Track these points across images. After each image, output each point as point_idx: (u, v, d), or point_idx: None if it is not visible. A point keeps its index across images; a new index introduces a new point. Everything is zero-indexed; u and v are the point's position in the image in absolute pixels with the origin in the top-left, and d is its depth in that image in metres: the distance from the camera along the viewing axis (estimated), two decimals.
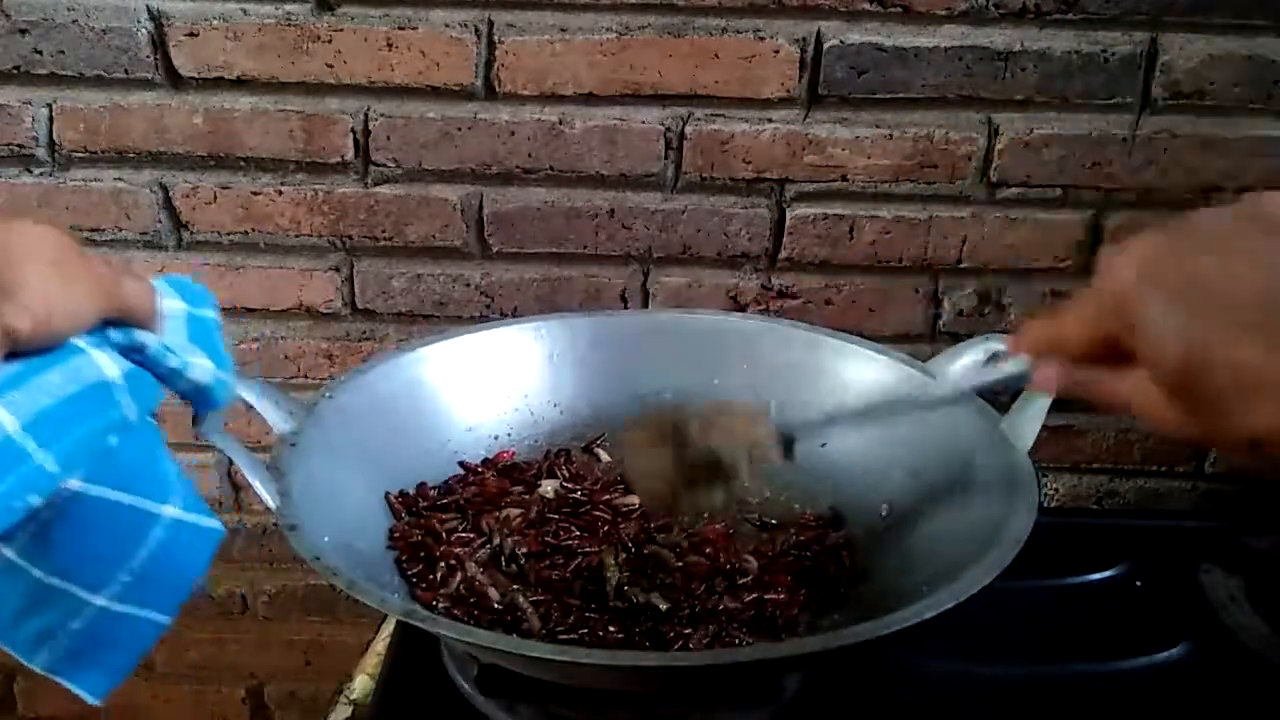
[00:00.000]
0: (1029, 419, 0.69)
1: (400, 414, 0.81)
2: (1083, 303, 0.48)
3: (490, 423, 0.86)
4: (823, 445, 0.80)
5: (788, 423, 0.67)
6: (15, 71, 0.95)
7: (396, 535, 0.75)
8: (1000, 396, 0.78)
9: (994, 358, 0.76)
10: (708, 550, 0.77)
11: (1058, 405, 0.73)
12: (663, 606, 0.71)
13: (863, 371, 0.83)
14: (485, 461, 0.84)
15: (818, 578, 0.75)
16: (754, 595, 0.72)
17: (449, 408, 0.84)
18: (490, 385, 0.86)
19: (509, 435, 0.86)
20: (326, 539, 0.65)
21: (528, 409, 0.87)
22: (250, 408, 0.73)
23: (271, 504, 0.66)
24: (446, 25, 0.93)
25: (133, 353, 0.53)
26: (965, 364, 0.76)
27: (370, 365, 0.82)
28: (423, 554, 0.74)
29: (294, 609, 1.20)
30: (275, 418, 0.73)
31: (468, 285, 1.03)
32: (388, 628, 0.84)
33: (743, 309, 1.03)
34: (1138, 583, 0.89)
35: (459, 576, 0.73)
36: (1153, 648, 0.83)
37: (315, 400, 0.77)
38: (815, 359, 0.84)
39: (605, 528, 0.79)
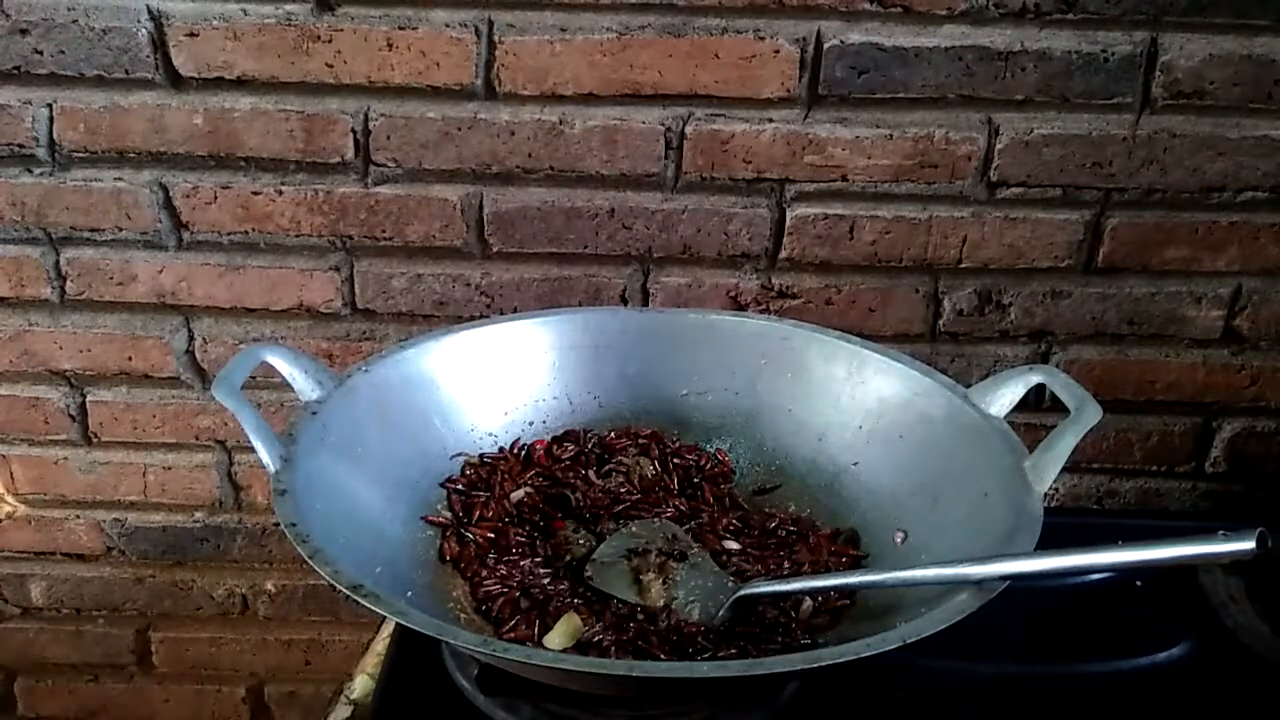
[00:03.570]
0: (1054, 458, 0.68)
1: (437, 394, 0.81)
2: None
3: (525, 408, 0.85)
4: (855, 464, 0.80)
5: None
6: (15, 71, 0.95)
7: (449, 533, 0.76)
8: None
9: (1037, 389, 0.76)
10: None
11: (1056, 408, 0.73)
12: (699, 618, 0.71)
13: (905, 389, 0.81)
14: (519, 447, 0.85)
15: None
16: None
17: (486, 392, 0.84)
18: (531, 371, 0.86)
19: (544, 423, 0.86)
20: (319, 506, 0.65)
21: (566, 398, 0.86)
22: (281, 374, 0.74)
23: (271, 467, 0.66)
24: (446, 25, 0.93)
25: None
26: (1005, 395, 0.76)
27: (412, 342, 0.82)
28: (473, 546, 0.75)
29: (294, 609, 1.20)
30: (304, 385, 0.74)
31: (468, 285, 1.03)
32: (388, 628, 0.84)
33: (743, 309, 1.03)
34: (1138, 583, 0.89)
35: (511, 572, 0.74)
36: (1153, 648, 0.83)
37: (348, 372, 0.77)
38: (858, 373, 0.83)
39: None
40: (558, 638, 0.68)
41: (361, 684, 0.82)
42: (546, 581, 0.73)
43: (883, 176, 0.98)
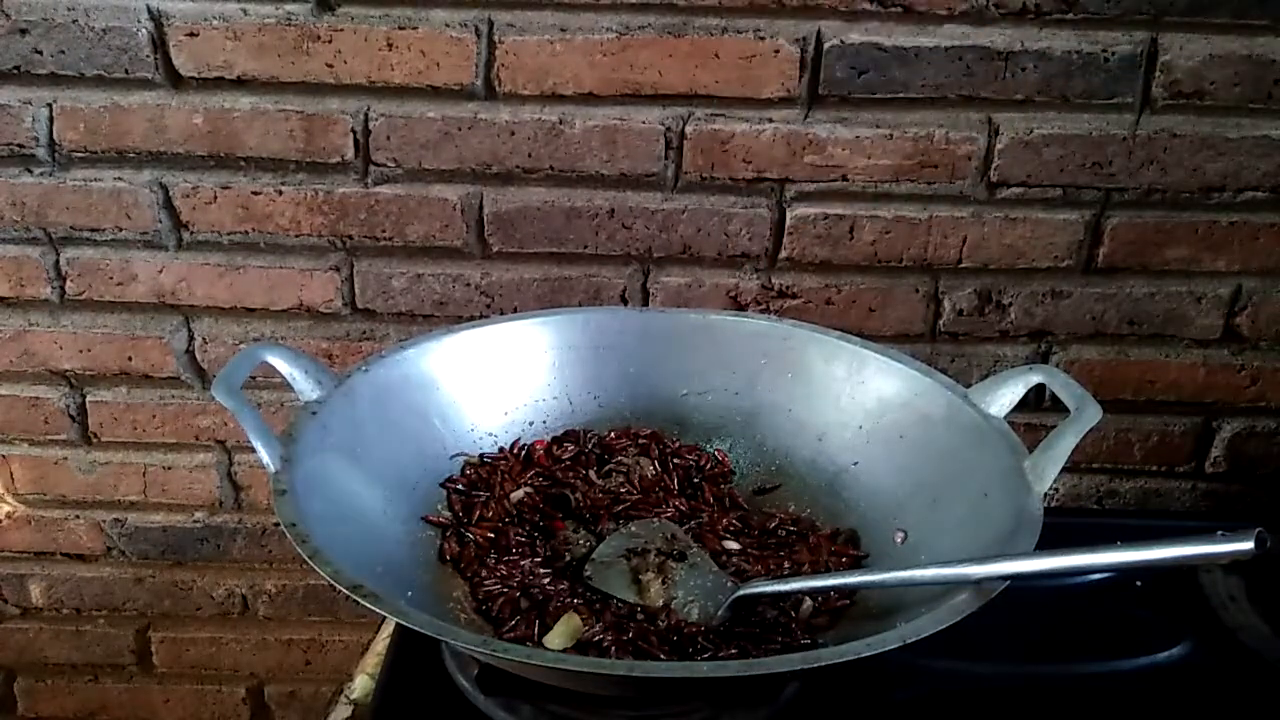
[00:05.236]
0: (1054, 458, 0.68)
1: (437, 394, 0.81)
2: None
3: (525, 408, 0.85)
4: (855, 464, 0.80)
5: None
6: (15, 71, 0.95)
7: (449, 534, 0.76)
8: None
9: (1036, 389, 0.76)
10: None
11: (1056, 408, 0.73)
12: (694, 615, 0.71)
13: (905, 389, 0.81)
14: (519, 447, 0.85)
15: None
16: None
17: (486, 392, 0.84)
18: (531, 371, 0.86)
19: (544, 423, 0.86)
20: (319, 506, 0.65)
21: (566, 398, 0.86)
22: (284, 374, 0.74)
23: (271, 467, 0.66)
24: (446, 25, 0.93)
25: None
26: (1005, 395, 0.76)
27: (412, 342, 0.82)
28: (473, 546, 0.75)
29: (294, 609, 1.20)
30: (304, 385, 0.74)
31: (468, 285, 1.03)
32: (388, 628, 0.84)
33: (743, 309, 1.03)
34: (1138, 583, 0.89)
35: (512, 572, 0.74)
36: (1153, 648, 0.83)
37: (348, 372, 0.77)
38: (858, 373, 0.83)
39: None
40: (558, 638, 0.68)
41: (361, 684, 0.82)
42: (546, 581, 0.73)
43: (883, 176, 0.98)
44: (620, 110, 0.96)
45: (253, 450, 0.67)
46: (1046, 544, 0.63)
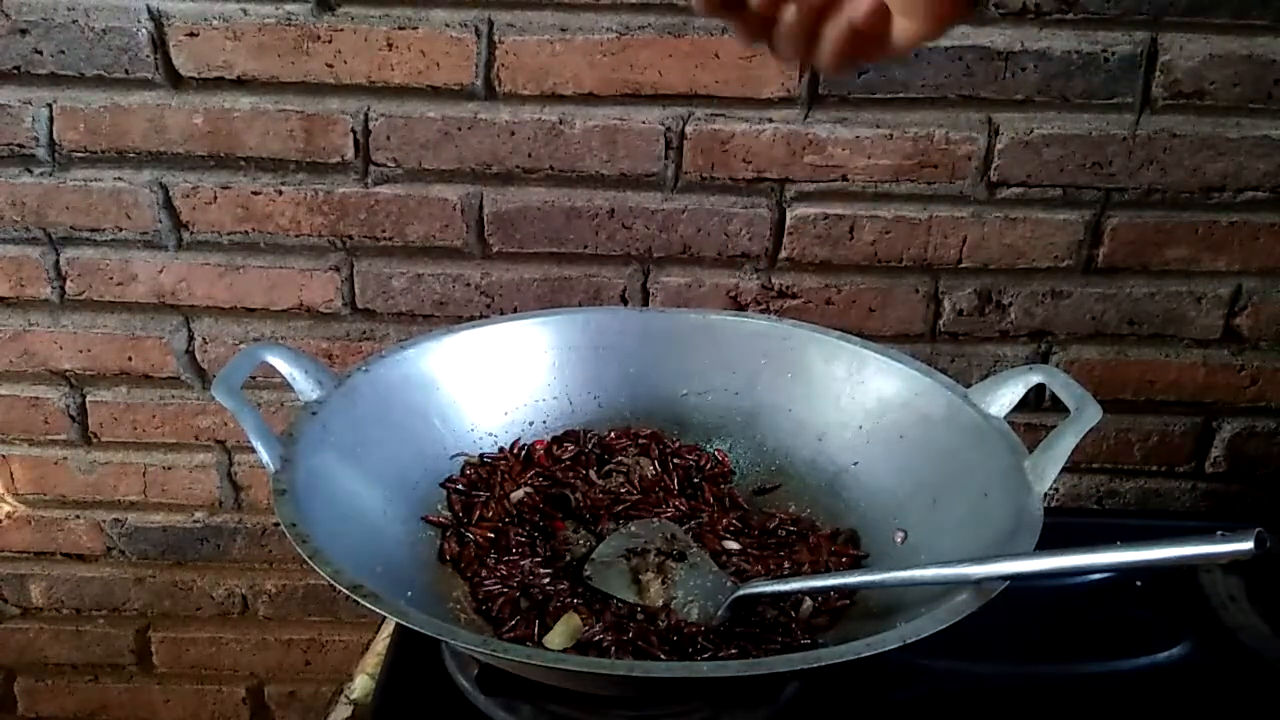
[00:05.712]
0: (1054, 458, 0.68)
1: (437, 394, 0.81)
2: None
3: (525, 408, 0.85)
4: (855, 464, 0.80)
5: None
6: (15, 71, 0.95)
7: (449, 533, 0.76)
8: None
9: (1036, 389, 0.76)
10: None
11: (1056, 408, 0.73)
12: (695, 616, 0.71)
13: (905, 389, 0.80)
14: (519, 447, 0.84)
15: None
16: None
17: (486, 392, 0.84)
18: (531, 371, 0.86)
19: (544, 423, 0.86)
20: (319, 506, 0.65)
21: (566, 398, 0.86)
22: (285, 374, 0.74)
23: (271, 467, 0.66)
24: (446, 25, 0.93)
25: None
26: (1005, 395, 0.76)
27: (412, 342, 0.82)
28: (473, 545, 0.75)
29: (294, 609, 1.20)
30: (304, 385, 0.74)
31: (468, 285, 1.03)
32: (388, 628, 0.84)
33: (743, 309, 1.03)
34: (1138, 583, 0.89)
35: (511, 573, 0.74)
36: (1153, 648, 0.83)
37: (348, 372, 0.77)
38: (858, 373, 0.82)
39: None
40: (558, 638, 0.68)
41: (361, 684, 0.82)
42: (546, 581, 0.73)
43: (883, 176, 0.98)
44: (620, 110, 0.96)
45: (253, 450, 0.67)
46: (1046, 544, 0.63)
